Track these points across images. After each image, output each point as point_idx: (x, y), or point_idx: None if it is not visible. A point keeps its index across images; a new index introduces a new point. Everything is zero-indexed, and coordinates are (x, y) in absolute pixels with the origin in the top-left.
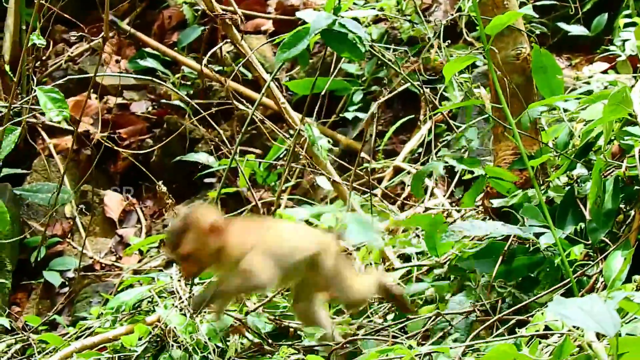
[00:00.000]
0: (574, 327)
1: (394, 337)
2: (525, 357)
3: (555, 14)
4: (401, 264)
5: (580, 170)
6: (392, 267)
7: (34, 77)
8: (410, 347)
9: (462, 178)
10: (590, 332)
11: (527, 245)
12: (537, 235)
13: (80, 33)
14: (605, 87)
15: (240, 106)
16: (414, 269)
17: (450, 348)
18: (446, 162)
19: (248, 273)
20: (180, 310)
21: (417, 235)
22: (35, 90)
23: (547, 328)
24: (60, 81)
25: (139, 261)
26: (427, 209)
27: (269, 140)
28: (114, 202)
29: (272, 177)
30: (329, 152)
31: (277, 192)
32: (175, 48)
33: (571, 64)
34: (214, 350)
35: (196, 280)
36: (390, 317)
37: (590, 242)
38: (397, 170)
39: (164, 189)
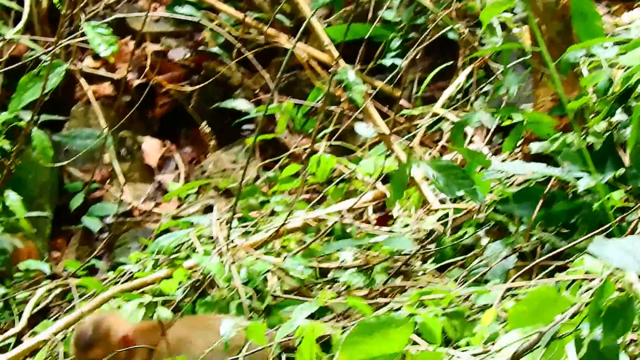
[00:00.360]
0: (615, 269)
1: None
2: (566, 299)
3: None
4: (440, 205)
5: (619, 116)
6: (431, 209)
7: (83, 12)
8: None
9: (501, 125)
10: (631, 273)
11: (567, 192)
12: (577, 179)
13: None
14: None
15: (285, 43)
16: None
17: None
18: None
19: None
20: (220, 255)
21: None
22: (82, 27)
23: (587, 274)
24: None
25: (178, 207)
26: None
27: (309, 87)
28: (152, 148)
29: (311, 124)
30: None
31: (312, 137)
32: None
33: (610, 11)
34: (250, 297)
35: (234, 224)
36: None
37: (630, 187)
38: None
39: (208, 129)
